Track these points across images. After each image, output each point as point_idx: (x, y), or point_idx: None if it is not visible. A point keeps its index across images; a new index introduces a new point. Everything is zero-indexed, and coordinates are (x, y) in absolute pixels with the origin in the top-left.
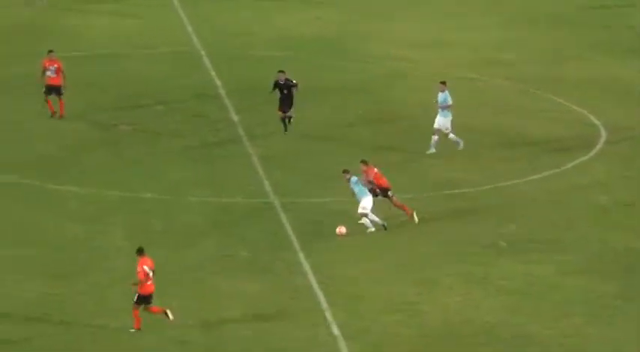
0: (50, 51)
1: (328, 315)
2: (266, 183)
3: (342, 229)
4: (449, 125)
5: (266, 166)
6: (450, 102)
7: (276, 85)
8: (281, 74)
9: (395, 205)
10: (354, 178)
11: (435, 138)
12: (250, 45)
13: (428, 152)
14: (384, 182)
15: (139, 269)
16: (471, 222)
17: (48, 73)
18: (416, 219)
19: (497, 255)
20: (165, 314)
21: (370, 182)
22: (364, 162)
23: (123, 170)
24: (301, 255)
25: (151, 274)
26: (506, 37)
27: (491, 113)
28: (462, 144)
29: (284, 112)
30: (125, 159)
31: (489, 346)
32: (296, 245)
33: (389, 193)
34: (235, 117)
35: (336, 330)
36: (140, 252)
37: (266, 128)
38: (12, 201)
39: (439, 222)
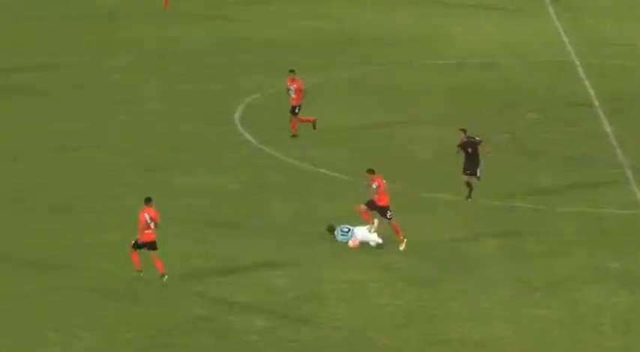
0: (291, 71)
1: None
2: (639, 194)
3: (355, 242)
4: None
5: (638, 178)
6: None
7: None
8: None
9: (391, 226)
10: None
11: None
12: (625, 55)
13: None
14: (384, 200)
15: (140, 217)
16: None
17: (290, 93)
18: (403, 246)
19: None
20: (162, 276)
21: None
22: (370, 171)
23: (495, 178)
24: None
25: (151, 224)
26: None
27: None
28: None
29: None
30: (498, 167)
31: None
32: None
33: (387, 213)
34: (608, 128)
35: None
36: (146, 201)
37: None
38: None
39: None
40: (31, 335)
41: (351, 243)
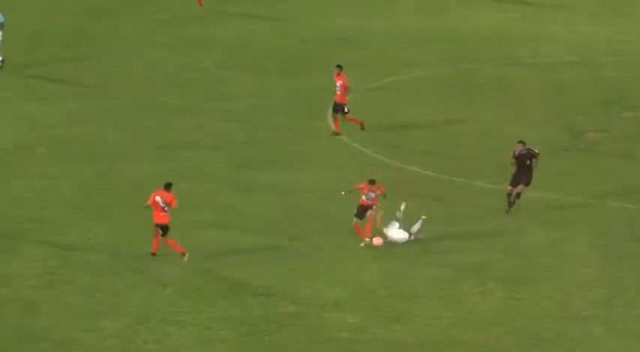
0: (338, 66)
1: None
2: None
3: (379, 240)
4: None
5: None
6: None
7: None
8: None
9: (370, 223)
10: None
11: None
12: None
13: None
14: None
15: (150, 199)
16: None
17: (335, 90)
18: (364, 244)
19: None
20: (182, 254)
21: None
22: (372, 181)
23: (589, 176)
24: None
25: (166, 207)
26: None
27: None
28: None
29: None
30: (592, 166)
31: None
32: None
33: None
34: None
35: None
36: (166, 186)
37: None
38: (478, 208)
39: None
40: (124, 332)
41: (375, 241)
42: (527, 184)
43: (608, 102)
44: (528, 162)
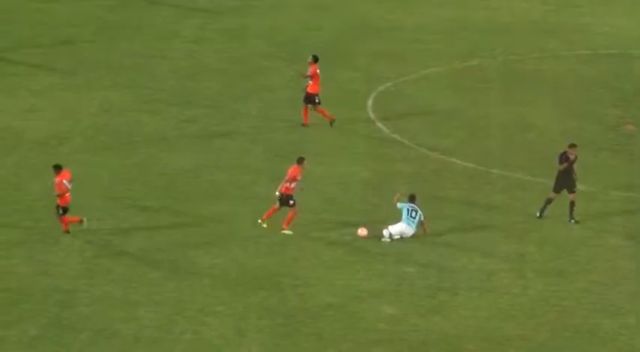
0: (313, 56)
1: None
2: None
3: (363, 231)
4: None
5: None
6: None
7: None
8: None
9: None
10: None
11: None
12: None
13: None
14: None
15: (56, 181)
16: None
17: (308, 80)
18: (287, 232)
19: None
20: (80, 222)
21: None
22: (300, 159)
23: (627, 170)
24: None
25: (69, 186)
26: None
27: None
28: None
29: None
30: (630, 159)
31: None
32: None
33: (291, 202)
34: None
35: None
36: (56, 168)
37: None
38: (516, 200)
39: None
40: (161, 322)
41: (359, 232)
42: (574, 191)
43: None
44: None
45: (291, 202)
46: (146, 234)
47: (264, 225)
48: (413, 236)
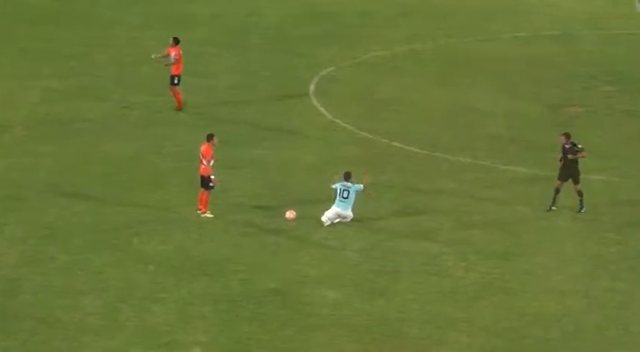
0: (174, 38)
1: None
2: None
3: (291, 214)
4: None
5: None
6: None
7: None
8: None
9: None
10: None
11: None
12: None
13: None
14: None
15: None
16: None
17: (170, 62)
18: (204, 215)
19: None
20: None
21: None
22: (209, 136)
23: None
24: None
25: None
26: None
27: None
28: None
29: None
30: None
31: None
32: None
33: (210, 184)
34: None
35: None
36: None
37: None
38: (459, 183)
39: None
40: (106, 310)
41: (287, 215)
42: (579, 181)
43: (588, 76)
44: (570, 156)
45: (211, 185)
46: (89, 221)
47: (209, 215)
48: (354, 220)
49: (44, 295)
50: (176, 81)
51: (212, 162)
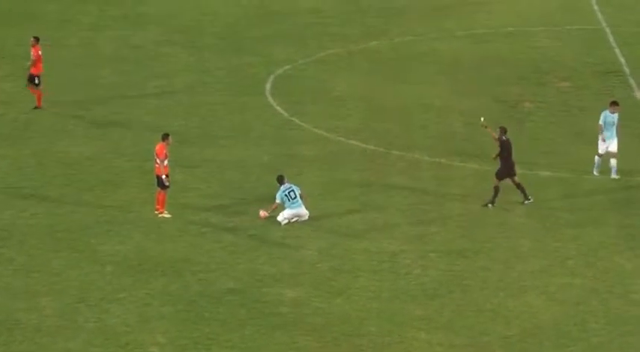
0: (34, 37)
1: None
2: None
3: (264, 213)
4: None
5: None
6: None
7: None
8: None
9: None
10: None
11: None
12: None
13: None
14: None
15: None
16: None
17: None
18: (162, 215)
19: None
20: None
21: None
22: (164, 136)
23: (524, 147)
24: None
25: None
26: None
27: None
28: None
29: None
30: (527, 136)
31: None
32: None
33: (165, 183)
34: (639, 95)
35: None
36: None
37: None
38: (416, 181)
39: None
40: (64, 311)
41: (261, 214)
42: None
43: (543, 73)
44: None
45: (167, 184)
46: (47, 223)
47: (167, 215)
48: (311, 219)
49: (2, 297)
50: (37, 81)
51: (166, 162)
